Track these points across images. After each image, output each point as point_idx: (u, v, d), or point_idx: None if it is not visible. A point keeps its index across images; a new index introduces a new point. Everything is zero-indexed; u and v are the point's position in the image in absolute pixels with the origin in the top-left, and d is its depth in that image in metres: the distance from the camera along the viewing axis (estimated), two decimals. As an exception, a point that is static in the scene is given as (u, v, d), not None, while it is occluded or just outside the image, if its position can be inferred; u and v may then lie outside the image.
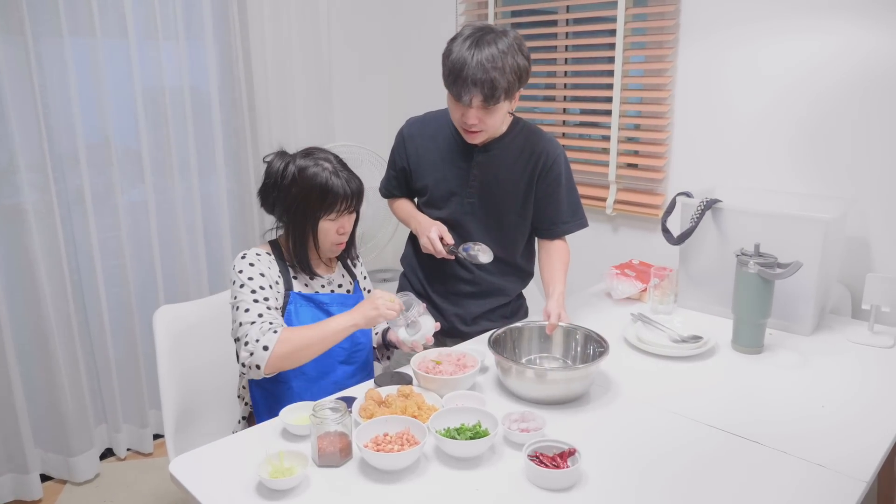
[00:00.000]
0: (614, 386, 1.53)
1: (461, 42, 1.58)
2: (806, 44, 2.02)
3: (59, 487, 2.47)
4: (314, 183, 1.51)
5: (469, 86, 1.55)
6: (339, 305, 1.62)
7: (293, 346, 1.43)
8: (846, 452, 1.25)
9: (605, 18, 2.48)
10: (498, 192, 1.82)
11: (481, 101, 1.57)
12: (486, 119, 1.63)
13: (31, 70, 2.17)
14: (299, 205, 1.53)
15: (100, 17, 2.32)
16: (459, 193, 1.82)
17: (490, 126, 1.66)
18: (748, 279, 1.68)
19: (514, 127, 1.81)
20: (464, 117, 1.64)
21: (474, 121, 1.62)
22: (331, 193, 1.51)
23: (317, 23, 2.88)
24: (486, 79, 1.54)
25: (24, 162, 2.21)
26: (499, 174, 1.80)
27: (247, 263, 1.52)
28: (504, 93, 1.58)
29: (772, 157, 2.15)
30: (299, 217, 1.54)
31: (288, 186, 1.53)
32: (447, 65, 1.59)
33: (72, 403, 2.41)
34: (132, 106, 2.46)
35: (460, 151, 1.80)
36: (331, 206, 1.52)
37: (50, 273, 2.31)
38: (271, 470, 1.17)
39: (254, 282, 1.50)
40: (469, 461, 1.23)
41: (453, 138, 1.81)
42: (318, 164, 1.52)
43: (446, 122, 1.81)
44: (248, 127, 2.78)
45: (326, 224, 1.55)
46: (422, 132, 1.86)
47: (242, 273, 1.51)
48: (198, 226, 2.72)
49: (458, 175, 1.82)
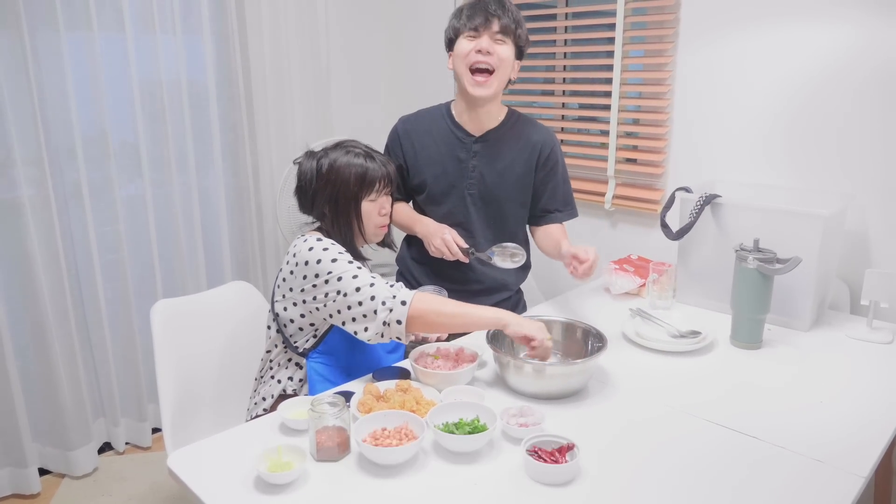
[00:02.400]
0: (613, 381, 1.53)
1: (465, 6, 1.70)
2: (805, 39, 2.01)
3: (58, 481, 2.47)
4: (352, 167, 1.57)
5: (490, 10, 1.66)
6: None
7: (427, 308, 1.43)
8: (844, 448, 1.26)
9: (605, 12, 2.47)
10: (499, 183, 1.82)
11: (499, 28, 1.66)
12: (498, 52, 1.68)
13: (27, 64, 2.15)
14: (341, 192, 1.57)
15: (96, 11, 2.31)
16: (459, 186, 1.82)
17: (501, 62, 1.69)
18: (747, 274, 1.68)
19: (511, 117, 1.82)
20: (476, 47, 1.67)
21: (490, 48, 1.67)
22: (369, 173, 1.57)
23: (314, 17, 2.87)
24: (503, 10, 1.67)
25: (21, 156, 2.20)
26: (498, 164, 1.81)
27: (322, 246, 1.49)
28: (516, 27, 1.70)
29: (771, 153, 2.15)
30: (342, 205, 1.58)
31: (325, 179, 1.57)
32: (462, 9, 1.70)
33: (70, 397, 2.41)
34: (129, 100, 2.45)
35: (458, 143, 1.81)
36: (370, 186, 1.57)
37: (47, 267, 2.30)
38: (269, 464, 1.17)
39: (344, 255, 1.50)
40: (467, 456, 1.23)
41: (450, 130, 1.82)
42: (350, 152, 1.59)
43: (441, 115, 1.83)
44: (245, 121, 2.78)
45: (368, 206, 1.59)
46: (416, 127, 1.86)
47: (328, 251, 1.48)
48: (195, 220, 2.71)
49: (457, 167, 1.82)
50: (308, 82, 2.91)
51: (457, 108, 1.85)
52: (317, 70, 2.93)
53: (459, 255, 1.74)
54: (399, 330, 1.42)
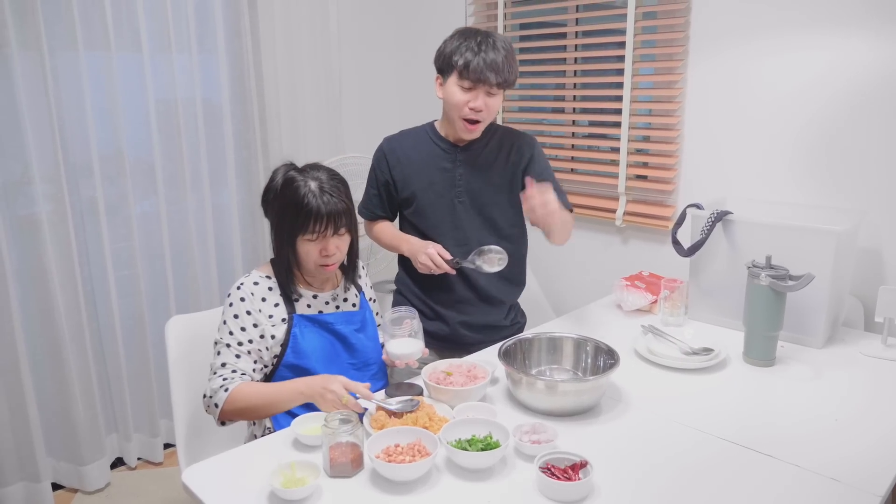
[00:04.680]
0: (625, 398, 1.53)
1: (464, 37, 1.72)
2: (816, 56, 2.02)
3: (70, 496, 2.48)
4: (294, 198, 1.47)
5: (489, 69, 1.68)
6: (344, 324, 1.61)
7: (241, 406, 1.46)
8: (860, 466, 1.25)
9: (615, 31, 2.49)
10: (487, 188, 1.88)
11: (497, 83, 1.70)
12: (490, 105, 1.74)
13: (46, 83, 2.20)
14: (281, 219, 1.51)
15: (114, 32, 2.35)
16: (448, 195, 1.87)
17: (491, 113, 1.78)
18: (760, 291, 1.68)
19: (490, 127, 1.89)
20: (472, 103, 1.72)
21: (482, 106, 1.73)
22: (304, 211, 1.45)
23: (327, 36, 2.91)
24: (504, 64, 1.69)
25: (39, 173, 2.23)
26: (483, 170, 1.87)
27: (238, 298, 1.53)
28: (513, 80, 1.75)
29: (782, 169, 2.15)
30: (281, 232, 1.52)
31: (274, 198, 1.53)
32: (459, 54, 1.69)
33: (83, 412, 2.43)
34: (145, 118, 2.49)
35: (443, 154, 1.87)
36: (304, 225, 1.46)
37: (63, 283, 2.33)
38: (283, 480, 1.17)
39: (238, 320, 1.51)
40: (480, 473, 1.23)
41: (433, 143, 1.88)
42: (305, 180, 1.48)
43: (424, 132, 1.91)
44: (258, 139, 2.81)
45: (306, 244, 1.50)
46: (401, 144, 1.92)
47: (232, 307, 1.53)
48: (209, 237, 2.74)
49: (444, 177, 1.87)
50: (320, 100, 2.94)
51: (441, 127, 1.90)
52: (329, 88, 2.96)
53: (445, 267, 1.76)
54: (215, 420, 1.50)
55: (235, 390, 1.45)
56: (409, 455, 1.21)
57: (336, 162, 2.72)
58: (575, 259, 2.75)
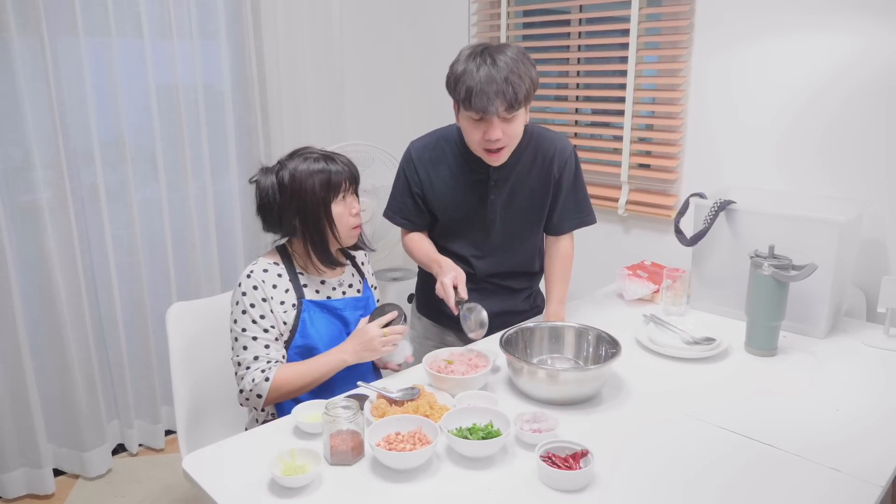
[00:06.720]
0: (626, 387, 1.53)
1: (467, 61, 1.56)
2: (821, 44, 2.00)
3: (72, 482, 2.49)
4: (314, 174, 1.54)
5: (491, 96, 1.52)
6: (351, 309, 1.65)
7: (286, 391, 1.52)
8: (861, 456, 1.24)
9: (619, 18, 2.47)
10: (519, 209, 1.80)
11: (505, 108, 1.54)
12: (508, 131, 1.60)
13: (46, 69, 2.19)
14: (308, 201, 1.54)
15: (115, 17, 2.34)
16: (478, 217, 1.79)
17: (513, 138, 1.63)
18: (762, 281, 1.67)
19: (524, 139, 1.74)
20: (486, 135, 1.59)
21: (498, 135, 1.58)
22: (333, 177, 1.55)
23: (329, 22, 2.89)
24: (506, 85, 1.52)
25: (40, 159, 2.23)
26: (518, 189, 1.77)
27: (250, 286, 1.54)
28: (524, 97, 1.57)
29: (786, 159, 2.14)
30: (312, 213, 1.55)
31: (290, 191, 1.54)
32: (461, 84, 1.55)
33: (85, 399, 2.43)
34: (146, 104, 2.48)
35: (473, 171, 1.76)
36: (336, 188, 1.55)
37: (64, 269, 2.33)
38: (284, 467, 1.17)
39: (256, 309, 1.52)
40: (481, 461, 1.23)
41: (465, 163, 1.76)
42: (308, 159, 1.56)
43: (453, 141, 1.78)
44: (260, 125, 2.80)
45: (338, 208, 1.57)
46: (432, 156, 1.80)
47: (246, 296, 1.53)
48: (210, 223, 2.73)
49: (475, 200, 1.78)
50: (322, 87, 2.93)
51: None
52: (331, 74, 2.94)
53: (451, 304, 1.64)
54: (259, 403, 1.53)
55: (276, 378, 1.50)
56: (409, 443, 1.22)
57: (339, 149, 2.70)
58: (577, 248, 2.73)
